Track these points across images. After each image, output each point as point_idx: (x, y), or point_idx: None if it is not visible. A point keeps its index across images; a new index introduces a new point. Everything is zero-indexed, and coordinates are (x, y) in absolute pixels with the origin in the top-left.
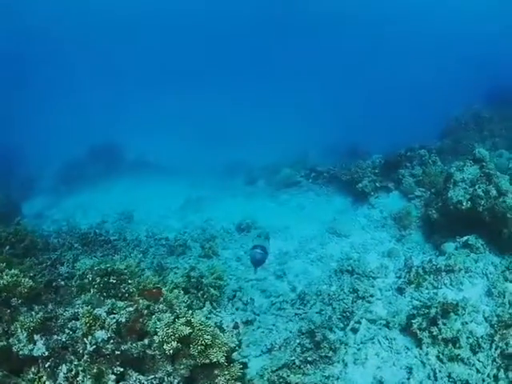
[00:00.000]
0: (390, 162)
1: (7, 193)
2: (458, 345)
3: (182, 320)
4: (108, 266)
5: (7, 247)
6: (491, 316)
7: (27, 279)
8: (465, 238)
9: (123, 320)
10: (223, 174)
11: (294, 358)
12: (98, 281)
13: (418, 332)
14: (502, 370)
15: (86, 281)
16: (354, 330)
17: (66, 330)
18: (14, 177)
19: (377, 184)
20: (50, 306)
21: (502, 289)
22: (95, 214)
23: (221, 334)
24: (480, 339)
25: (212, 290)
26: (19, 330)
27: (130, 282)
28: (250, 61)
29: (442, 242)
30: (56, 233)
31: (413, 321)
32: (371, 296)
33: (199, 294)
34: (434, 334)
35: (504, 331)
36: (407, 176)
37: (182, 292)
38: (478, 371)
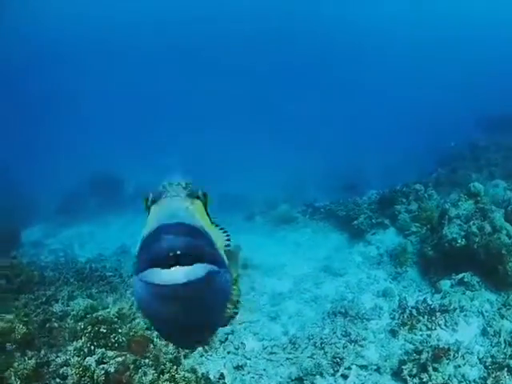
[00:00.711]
0: (385, 198)
1: (6, 219)
2: None
3: (166, 376)
4: (99, 314)
5: (3, 280)
6: (485, 357)
7: (21, 325)
8: (460, 275)
9: (112, 370)
10: (222, 208)
11: None
12: (89, 329)
13: (408, 378)
14: None
15: (78, 328)
16: (344, 376)
17: (57, 379)
18: (15, 200)
19: (373, 220)
20: (42, 352)
21: (497, 327)
22: (93, 246)
23: None
24: (473, 383)
25: None
26: (13, 378)
27: (120, 331)
28: (247, 87)
29: (437, 280)
30: (53, 264)
31: (403, 367)
32: (364, 339)
33: None
34: (424, 380)
35: (497, 373)
36: (403, 212)
37: None
38: None
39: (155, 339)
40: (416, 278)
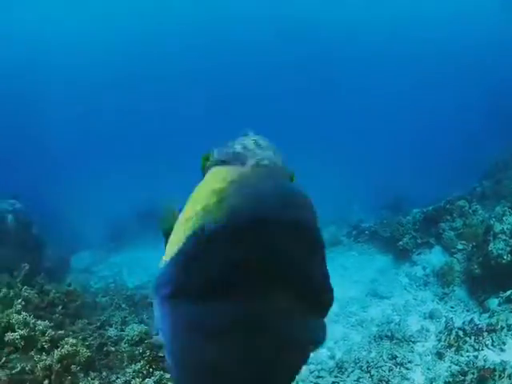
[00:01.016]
0: (429, 216)
1: (56, 247)
2: None
3: None
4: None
5: (60, 307)
6: None
7: (84, 349)
8: (508, 292)
9: None
10: None
11: None
12: (147, 353)
13: None
14: None
15: (136, 352)
16: None
17: None
18: (63, 228)
19: (418, 240)
20: (104, 373)
21: None
22: (142, 271)
23: None
24: None
25: None
26: None
27: None
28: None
29: (485, 298)
30: (103, 291)
31: None
32: (410, 362)
33: None
34: None
35: None
36: (447, 230)
37: None
38: None
39: None
40: (464, 297)
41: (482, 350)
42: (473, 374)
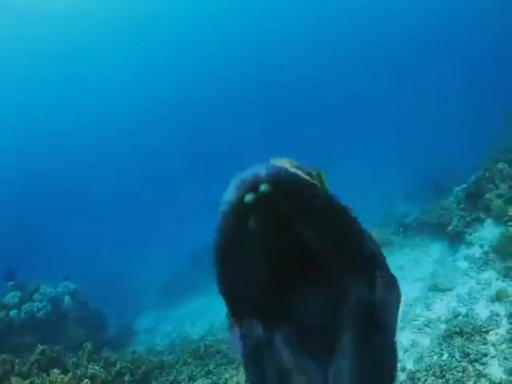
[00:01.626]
0: (471, 191)
1: (118, 314)
2: None
3: None
4: None
5: (128, 376)
6: None
7: None
8: None
9: None
10: None
11: None
12: None
13: None
14: None
15: None
16: None
17: None
18: (121, 295)
19: (467, 219)
20: None
21: None
22: (204, 321)
23: None
24: None
25: None
26: None
27: None
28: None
29: None
30: (170, 347)
31: None
32: (484, 356)
33: None
34: None
35: None
36: (494, 198)
37: None
38: None
39: None
40: None
41: None
42: None
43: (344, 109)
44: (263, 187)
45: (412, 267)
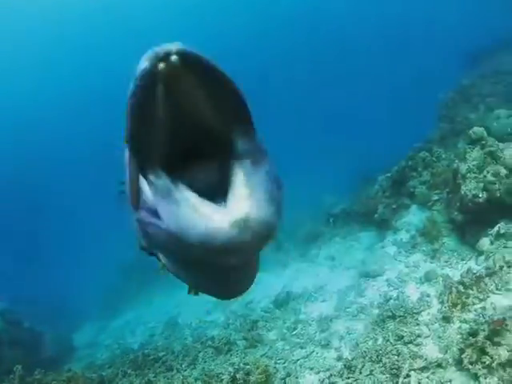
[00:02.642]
0: (395, 179)
1: (55, 332)
2: None
3: None
4: None
5: None
6: None
7: None
8: (495, 228)
9: None
10: None
11: None
12: None
13: (471, 367)
14: None
15: None
16: None
17: None
18: (57, 312)
19: (393, 206)
20: None
21: None
22: (143, 329)
23: None
24: None
25: None
26: None
27: None
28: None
29: (476, 240)
30: (110, 360)
31: (462, 356)
32: (418, 336)
33: None
34: (487, 363)
35: None
36: (418, 185)
37: None
38: None
39: None
40: (456, 246)
41: (488, 297)
42: (483, 330)
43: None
44: (173, 58)
45: (343, 256)
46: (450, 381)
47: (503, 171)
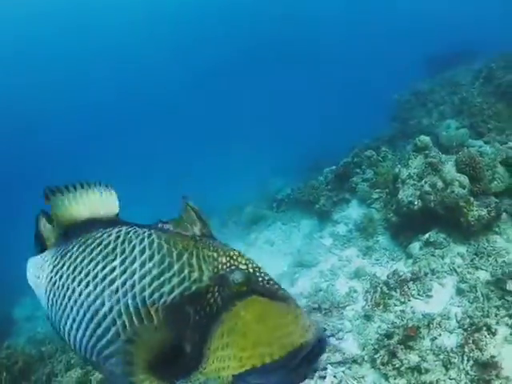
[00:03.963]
0: (339, 173)
1: None
2: (424, 369)
3: None
4: None
5: (4, 373)
6: (463, 319)
7: None
8: (426, 235)
9: None
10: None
11: None
12: None
13: (381, 367)
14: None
15: None
16: (322, 378)
17: None
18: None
19: (334, 199)
20: None
21: (472, 281)
22: None
23: None
24: (451, 353)
25: None
26: None
27: None
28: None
29: (407, 244)
30: (50, 334)
31: (375, 356)
32: (340, 331)
33: None
34: (397, 366)
35: (476, 335)
36: (360, 182)
37: None
38: None
39: None
40: (388, 246)
41: (409, 301)
42: (398, 334)
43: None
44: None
45: (282, 242)
46: (363, 377)
47: (440, 184)
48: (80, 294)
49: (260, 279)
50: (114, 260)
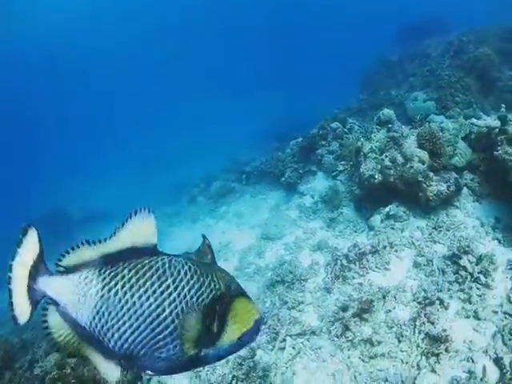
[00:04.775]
0: (305, 146)
1: None
2: (376, 341)
3: None
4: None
5: None
6: (418, 292)
7: None
8: (386, 208)
9: None
10: (169, 200)
11: None
12: None
13: (336, 339)
14: (423, 357)
15: None
16: (281, 349)
17: None
18: None
19: (300, 171)
20: None
21: (430, 255)
22: None
23: None
24: (403, 325)
25: None
26: None
27: None
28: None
29: (370, 216)
30: (33, 321)
31: (331, 328)
32: (301, 303)
33: None
34: (350, 338)
35: (429, 308)
36: (326, 154)
37: None
38: (402, 362)
39: None
40: (352, 217)
41: (368, 273)
42: (353, 307)
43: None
44: None
45: (251, 214)
46: (320, 348)
47: (400, 159)
48: (141, 306)
49: (239, 286)
50: (166, 280)
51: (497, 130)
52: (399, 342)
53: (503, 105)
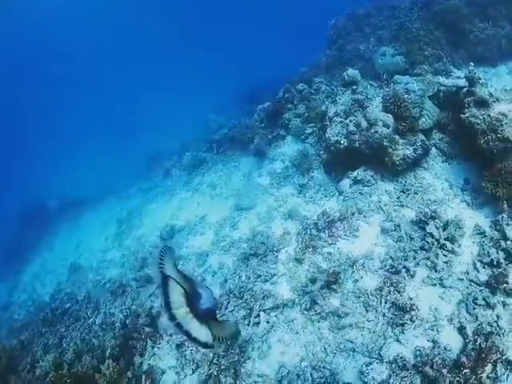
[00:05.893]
0: (271, 110)
1: None
2: (344, 313)
3: None
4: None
5: None
6: (385, 260)
7: None
8: (354, 173)
9: None
10: (143, 175)
11: (211, 370)
12: None
13: (306, 313)
14: (389, 327)
15: None
16: (256, 324)
17: None
18: None
19: (269, 137)
20: None
21: (398, 219)
22: (51, 277)
23: None
24: (370, 295)
25: None
26: None
27: None
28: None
29: (339, 180)
30: (27, 320)
31: (300, 301)
32: (274, 275)
33: None
34: (318, 311)
35: (396, 277)
36: (293, 118)
37: None
38: (369, 331)
39: None
40: (322, 181)
41: (337, 241)
42: (321, 280)
43: None
44: None
45: (224, 184)
46: (293, 320)
47: (364, 124)
48: None
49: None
50: None
51: (465, 89)
52: (366, 311)
53: (471, 63)
